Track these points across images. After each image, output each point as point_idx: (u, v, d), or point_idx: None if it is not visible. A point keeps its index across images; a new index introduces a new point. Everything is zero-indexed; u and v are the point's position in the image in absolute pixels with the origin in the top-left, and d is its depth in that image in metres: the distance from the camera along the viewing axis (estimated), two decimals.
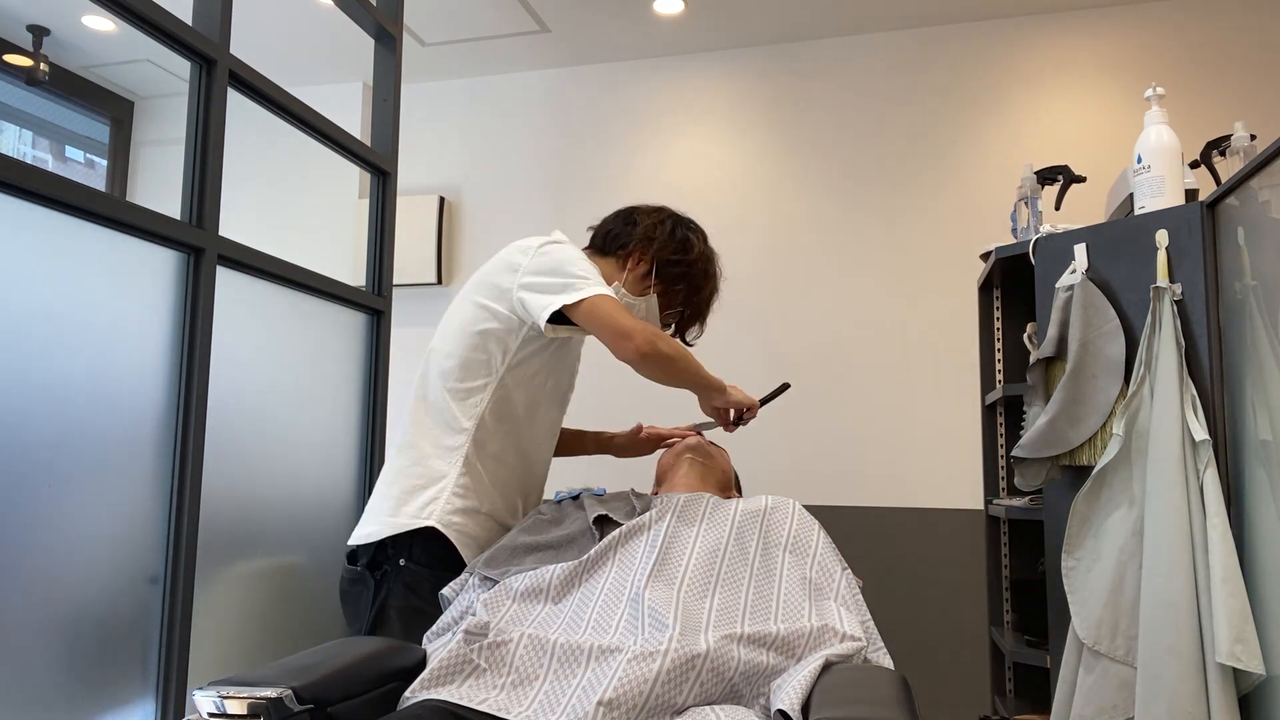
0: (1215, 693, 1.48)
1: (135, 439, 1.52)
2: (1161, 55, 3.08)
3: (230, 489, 1.73)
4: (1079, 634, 1.71)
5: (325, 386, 2.04)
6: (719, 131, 3.49)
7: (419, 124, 3.77)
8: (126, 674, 1.49)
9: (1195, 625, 1.52)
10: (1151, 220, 1.76)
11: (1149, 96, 1.87)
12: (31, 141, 3.87)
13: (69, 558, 1.40)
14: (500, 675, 1.22)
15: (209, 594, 1.66)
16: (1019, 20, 3.21)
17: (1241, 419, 1.58)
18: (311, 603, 1.96)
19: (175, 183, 1.65)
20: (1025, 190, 2.21)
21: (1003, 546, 2.41)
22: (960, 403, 3.02)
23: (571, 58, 3.60)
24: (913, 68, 3.30)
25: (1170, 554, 1.55)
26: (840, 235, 3.28)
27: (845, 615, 1.35)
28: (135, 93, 3.93)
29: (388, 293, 2.24)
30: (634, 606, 1.29)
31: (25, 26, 3.31)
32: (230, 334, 1.72)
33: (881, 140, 3.31)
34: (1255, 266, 1.54)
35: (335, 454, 2.07)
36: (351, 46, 3.38)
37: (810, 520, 1.55)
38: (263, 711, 1.08)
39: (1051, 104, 3.15)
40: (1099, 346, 1.77)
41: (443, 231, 3.66)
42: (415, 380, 1.71)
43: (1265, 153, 1.47)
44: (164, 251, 1.58)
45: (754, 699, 1.22)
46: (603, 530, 1.51)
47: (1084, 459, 1.79)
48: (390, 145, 2.28)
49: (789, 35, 3.39)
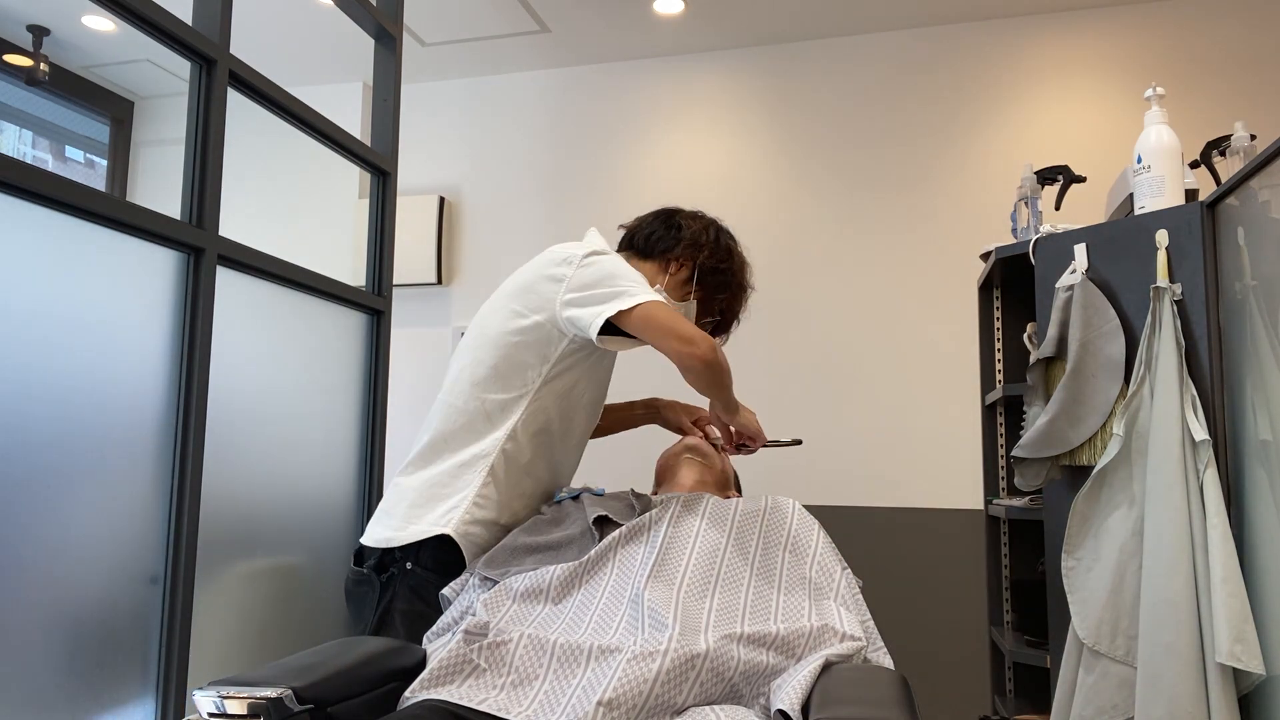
0: (1215, 693, 1.48)
1: (135, 439, 1.52)
2: (1161, 55, 3.08)
3: (230, 489, 1.73)
4: (1079, 634, 1.71)
5: (325, 387, 2.04)
6: (719, 132, 3.49)
7: (419, 124, 3.77)
8: (126, 674, 1.49)
9: (1195, 625, 1.52)
10: (1151, 220, 1.76)
11: (1149, 96, 1.87)
12: (31, 141, 3.87)
13: (69, 558, 1.40)
14: (500, 675, 1.22)
15: (209, 594, 1.66)
16: (1019, 20, 3.21)
17: (1241, 419, 1.58)
18: (311, 603, 1.96)
19: (175, 183, 1.65)
20: (1025, 190, 2.21)
21: (1003, 546, 2.41)
22: (960, 403, 3.02)
23: (571, 58, 3.60)
24: (912, 68, 3.30)
25: (1170, 554, 1.55)
26: (840, 235, 3.28)
27: (845, 615, 1.35)
28: (135, 93, 3.93)
29: (388, 293, 2.24)
30: (634, 606, 1.29)
31: (25, 26, 3.31)
32: (230, 334, 1.72)
33: (882, 140, 3.31)
34: (1255, 266, 1.53)
35: (335, 454, 2.07)
36: (351, 46, 3.38)
37: (810, 520, 1.55)
38: (263, 711, 1.08)
39: (1051, 104, 3.15)
40: (1099, 346, 1.77)
41: (443, 231, 3.66)
42: (445, 383, 1.67)
43: (1265, 153, 1.47)
44: (164, 251, 1.58)
45: (754, 699, 1.22)
46: (603, 530, 1.51)
47: (1084, 459, 1.79)
48: (390, 145, 2.28)
49: (789, 35, 3.39)
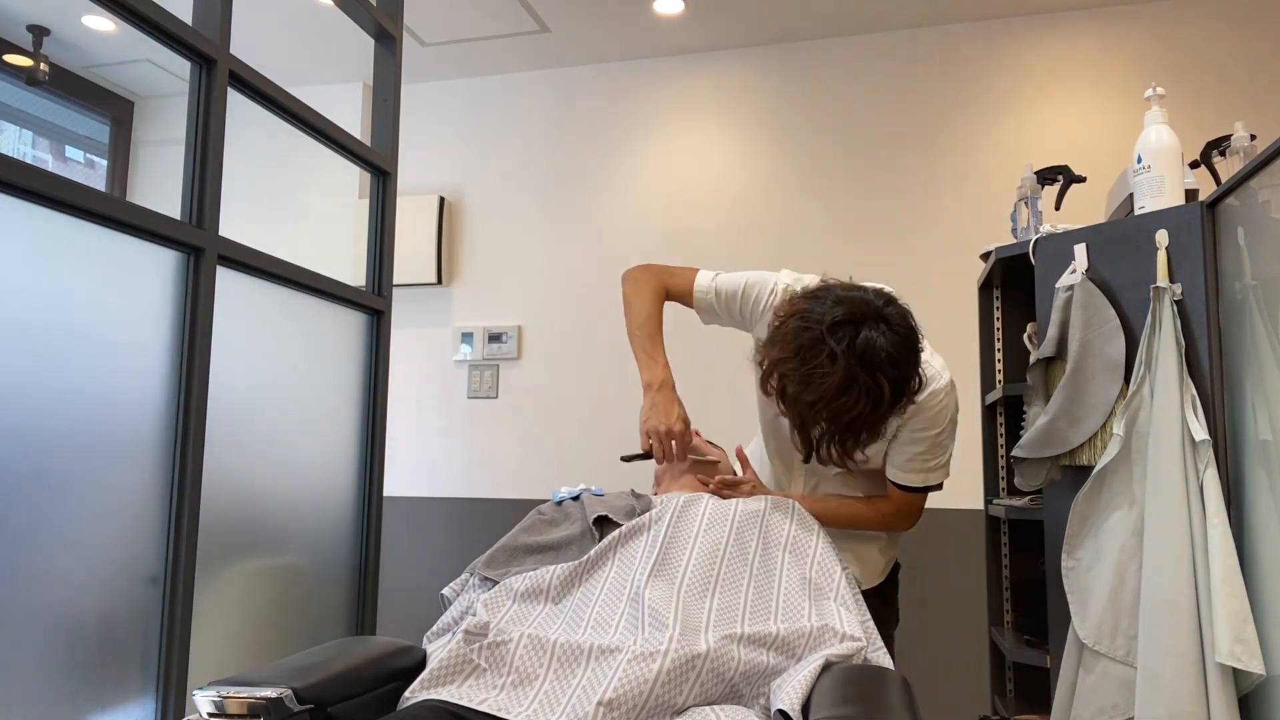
0: (1215, 693, 1.48)
1: (135, 439, 1.52)
2: (1161, 55, 3.08)
3: (230, 489, 1.73)
4: (1079, 634, 1.71)
5: (325, 387, 2.04)
6: (719, 131, 3.49)
7: (419, 124, 3.77)
8: (126, 674, 1.49)
9: (1195, 625, 1.52)
10: (1151, 220, 1.76)
11: (1149, 96, 1.87)
12: (31, 141, 3.87)
13: (69, 558, 1.40)
14: (500, 675, 1.22)
15: (209, 594, 1.66)
16: (1019, 20, 3.21)
17: (1241, 419, 1.58)
18: (311, 603, 1.96)
19: (175, 183, 1.65)
20: (1025, 190, 2.21)
21: (1003, 546, 2.41)
22: (960, 402, 3.01)
23: (571, 58, 3.60)
24: (913, 68, 3.30)
25: (1170, 554, 1.55)
26: (840, 234, 3.28)
27: (845, 615, 1.35)
28: (135, 93, 3.93)
29: (388, 293, 2.24)
30: (634, 607, 1.29)
31: (25, 26, 3.31)
32: (230, 334, 1.72)
33: (882, 140, 3.30)
34: (1255, 266, 1.53)
35: (335, 454, 2.07)
36: (351, 46, 3.38)
37: (810, 520, 1.55)
38: (262, 711, 1.08)
39: (1051, 104, 3.15)
40: (1099, 346, 1.77)
41: (443, 231, 3.66)
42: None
43: (1265, 153, 1.47)
44: (164, 251, 1.58)
45: (754, 699, 1.22)
46: (602, 530, 1.51)
47: (1084, 459, 1.79)
48: (390, 145, 2.28)
49: (789, 35, 3.39)
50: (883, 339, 1.35)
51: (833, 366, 1.33)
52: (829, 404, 1.35)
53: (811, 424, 1.41)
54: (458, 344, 3.64)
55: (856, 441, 1.42)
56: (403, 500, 3.60)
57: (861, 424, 1.38)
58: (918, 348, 1.42)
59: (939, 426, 1.58)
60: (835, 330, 1.34)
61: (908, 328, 1.41)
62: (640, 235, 3.48)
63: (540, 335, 3.60)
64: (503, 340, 3.60)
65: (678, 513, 1.50)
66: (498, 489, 3.57)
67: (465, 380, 3.64)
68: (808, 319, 1.37)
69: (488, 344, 3.61)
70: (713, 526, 1.47)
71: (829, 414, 1.37)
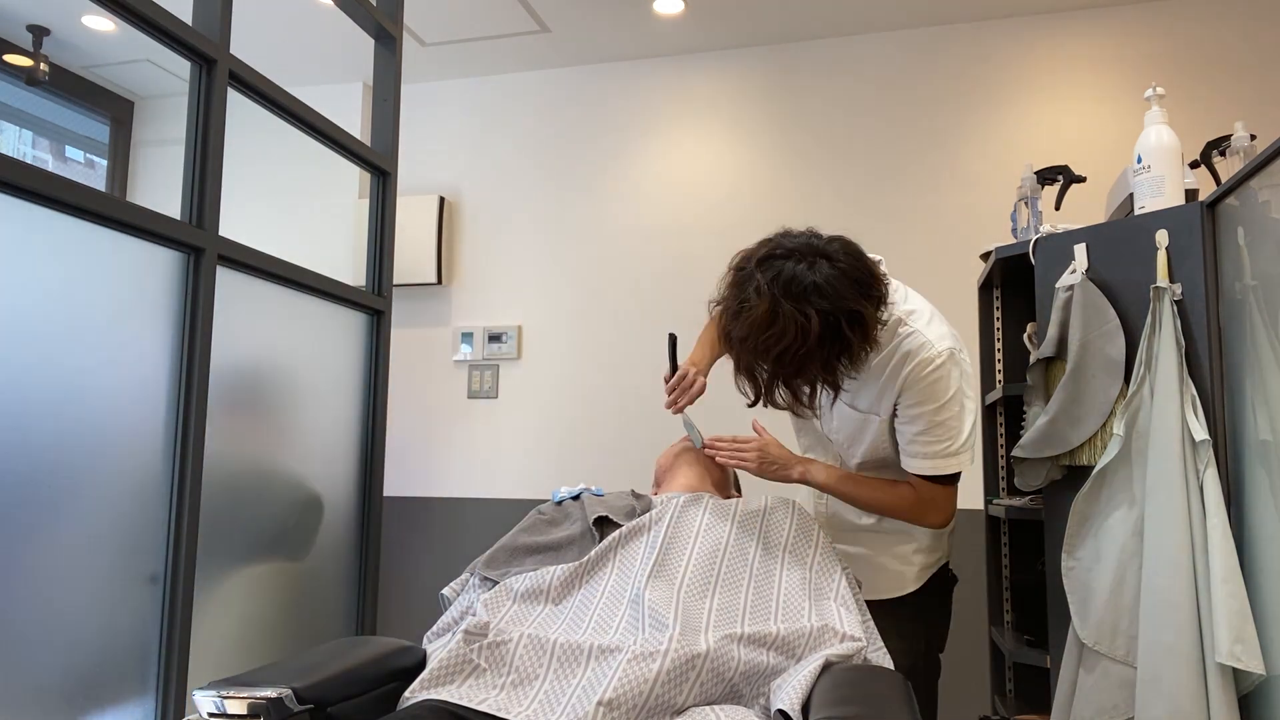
0: (1215, 693, 1.48)
1: (135, 438, 1.52)
2: (1161, 55, 3.08)
3: (230, 489, 1.73)
4: (1079, 634, 1.71)
5: (325, 386, 2.04)
6: (719, 132, 3.49)
7: (419, 124, 3.76)
8: (126, 674, 1.49)
9: (1195, 625, 1.52)
10: (1151, 220, 1.75)
11: (1149, 96, 1.87)
12: (31, 141, 3.87)
13: (69, 558, 1.40)
14: (500, 675, 1.22)
15: (209, 594, 1.66)
16: (1019, 20, 3.21)
17: (1241, 419, 1.58)
18: (311, 603, 1.96)
19: (175, 183, 1.65)
20: (1025, 190, 2.21)
21: (1003, 546, 2.41)
22: None
23: (571, 58, 3.60)
24: (913, 68, 3.30)
25: (1170, 554, 1.55)
26: (840, 234, 3.27)
27: (845, 615, 1.35)
28: (135, 93, 3.93)
29: (388, 293, 2.24)
30: (634, 607, 1.29)
31: (25, 26, 3.31)
32: (230, 334, 1.72)
33: (881, 140, 3.30)
34: (1255, 266, 1.53)
35: (335, 454, 2.07)
36: (351, 46, 3.37)
37: (810, 521, 1.55)
38: (263, 711, 1.08)
39: (1051, 104, 3.15)
40: (1099, 346, 1.77)
41: (443, 231, 3.66)
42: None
43: (1265, 153, 1.47)
44: (164, 251, 1.58)
45: (754, 699, 1.22)
46: (603, 531, 1.51)
47: (1084, 459, 1.79)
48: (390, 145, 2.28)
49: (789, 35, 3.39)
50: (812, 272, 1.36)
51: (759, 299, 1.35)
52: (758, 336, 1.36)
53: (751, 363, 1.42)
54: (458, 344, 3.64)
55: (806, 380, 1.42)
56: (403, 500, 3.60)
57: (795, 359, 1.36)
58: (870, 286, 1.41)
59: (936, 402, 1.53)
60: (763, 264, 1.38)
61: (855, 266, 1.41)
62: (640, 235, 3.48)
63: (540, 335, 3.60)
64: (503, 340, 3.60)
65: (678, 513, 1.50)
66: (497, 489, 3.57)
67: (465, 380, 3.64)
68: (746, 258, 1.42)
69: (488, 344, 3.61)
70: (713, 527, 1.47)
71: (760, 347, 1.37)
